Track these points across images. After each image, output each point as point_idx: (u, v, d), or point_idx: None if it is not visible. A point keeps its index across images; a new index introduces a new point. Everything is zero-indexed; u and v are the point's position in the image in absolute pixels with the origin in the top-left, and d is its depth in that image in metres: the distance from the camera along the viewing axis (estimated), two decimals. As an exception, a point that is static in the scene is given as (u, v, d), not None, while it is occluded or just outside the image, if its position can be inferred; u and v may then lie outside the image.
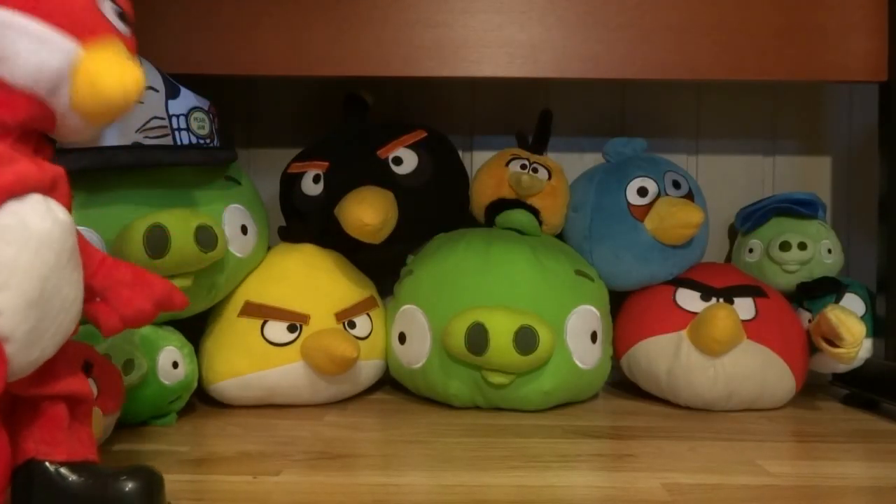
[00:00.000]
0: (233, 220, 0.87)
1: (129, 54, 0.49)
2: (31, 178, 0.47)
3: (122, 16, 0.51)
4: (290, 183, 1.00)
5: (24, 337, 0.46)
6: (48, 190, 0.49)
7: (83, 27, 0.48)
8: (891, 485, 0.63)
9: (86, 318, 0.54)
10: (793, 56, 0.93)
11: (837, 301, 0.97)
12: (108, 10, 0.50)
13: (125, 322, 0.56)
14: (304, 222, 0.97)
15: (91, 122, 0.51)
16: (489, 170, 1.02)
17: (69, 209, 0.50)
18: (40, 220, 0.47)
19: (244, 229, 0.89)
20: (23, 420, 0.50)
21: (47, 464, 0.49)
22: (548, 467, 0.66)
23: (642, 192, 0.97)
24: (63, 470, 0.49)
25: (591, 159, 1.14)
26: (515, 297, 0.87)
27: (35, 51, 0.46)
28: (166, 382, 0.80)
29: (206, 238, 0.77)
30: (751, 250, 1.06)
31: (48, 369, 0.50)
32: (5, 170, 0.46)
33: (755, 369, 0.88)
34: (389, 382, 1.03)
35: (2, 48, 0.46)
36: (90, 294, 0.53)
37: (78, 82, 0.47)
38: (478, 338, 0.82)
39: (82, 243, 0.53)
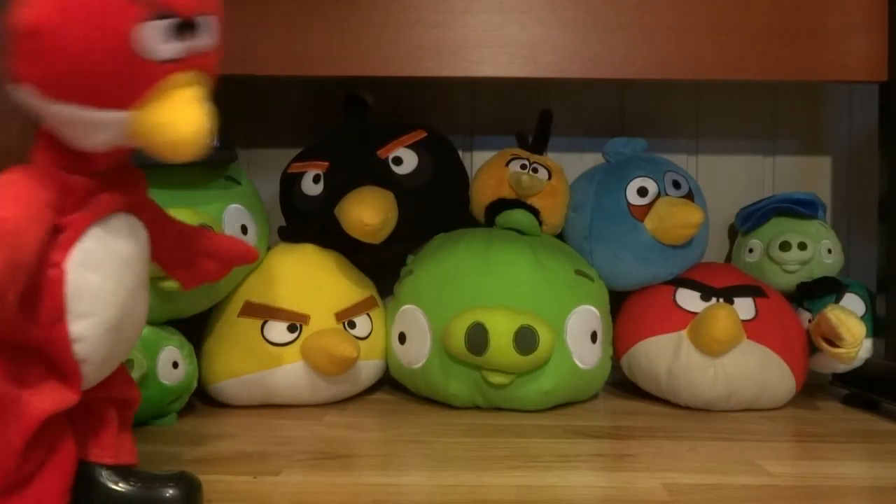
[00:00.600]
0: (233, 220, 0.87)
1: (191, 87, 0.43)
2: (113, 201, 0.47)
3: (181, 27, 0.42)
4: (290, 183, 1.00)
5: (100, 360, 0.48)
6: (130, 206, 0.49)
7: (127, 92, 0.42)
8: (891, 485, 0.63)
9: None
10: (793, 56, 0.92)
11: (837, 301, 0.97)
12: (155, 38, 0.41)
13: (202, 282, 0.60)
14: (304, 222, 0.97)
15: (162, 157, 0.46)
16: (489, 170, 1.02)
17: (145, 205, 0.52)
18: (124, 242, 0.48)
19: (244, 229, 0.89)
20: (75, 421, 0.50)
21: (96, 467, 0.50)
22: (548, 467, 0.66)
23: (642, 192, 0.97)
24: (110, 473, 0.50)
25: (591, 159, 1.14)
26: (515, 297, 0.87)
27: (86, 132, 0.44)
28: (166, 382, 0.80)
29: (206, 238, 0.77)
30: (751, 250, 1.06)
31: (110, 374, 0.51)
32: (92, 201, 0.46)
33: (755, 369, 0.88)
34: (389, 382, 1.03)
35: (56, 126, 0.45)
36: (171, 265, 0.56)
37: (139, 141, 0.44)
38: (478, 338, 0.82)
39: (158, 217, 0.55)
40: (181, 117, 0.42)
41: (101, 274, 0.46)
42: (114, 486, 0.50)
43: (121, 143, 0.45)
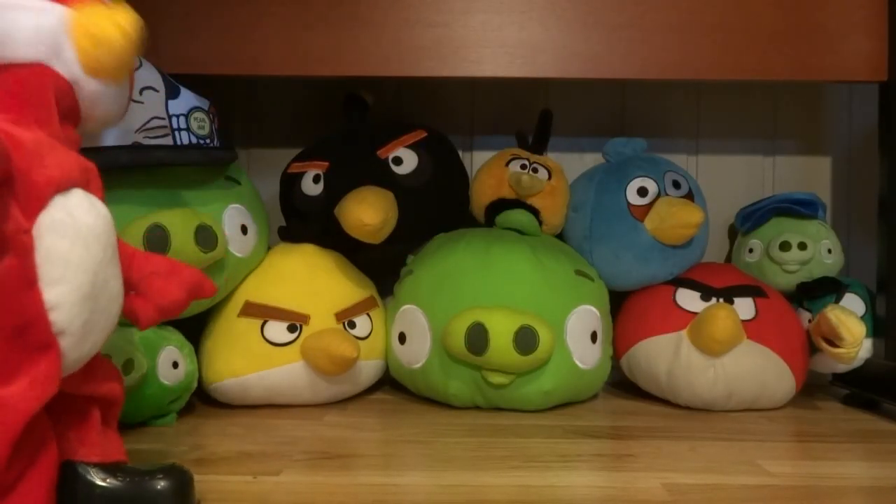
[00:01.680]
0: (233, 220, 0.87)
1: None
2: (73, 171, 0.48)
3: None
4: (290, 183, 1.00)
5: (78, 331, 0.47)
6: (85, 184, 0.50)
7: None
8: (891, 485, 0.63)
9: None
10: (793, 56, 0.92)
11: (837, 301, 0.97)
12: None
13: (161, 313, 0.56)
14: (304, 222, 0.97)
15: (106, 78, 0.53)
16: (489, 170, 1.02)
17: (101, 197, 0.52)
18: (86, 214, 0.48)
19: (244, 229, 0.89)
20: (59, 421, 0.50)
21: (83, 465, 0.50)
22: (548, 467, 0.66)
23: (642, 192, 0.97)
24: (98, 471, 0.50)
25: (591, 159, 1.14)
26: (515, 297, 0.87)
27: (27, 19, 0.48)
28: (166, 382, 0.80)
29: (206, 238, 0.77)
30: (751, 250, 1.06)
31: (89, 369, 0.51)
32: (50, 161, 0.47)
33: (755, 369, 0.88)
34: (389, 382, 1.03)
35: (2, 29, 0.48)
36: (126, 287, 0.54)
37: (78, 39, 0.49)
38: (478, 338, 0.82)
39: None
40: (113, 15, 0.51)
41: (69, 240, 0.46)
42: (103, 483, 0.49)
43: (55, 37, 0.50)
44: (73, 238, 0.47)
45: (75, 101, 0.52)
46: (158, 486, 0.50)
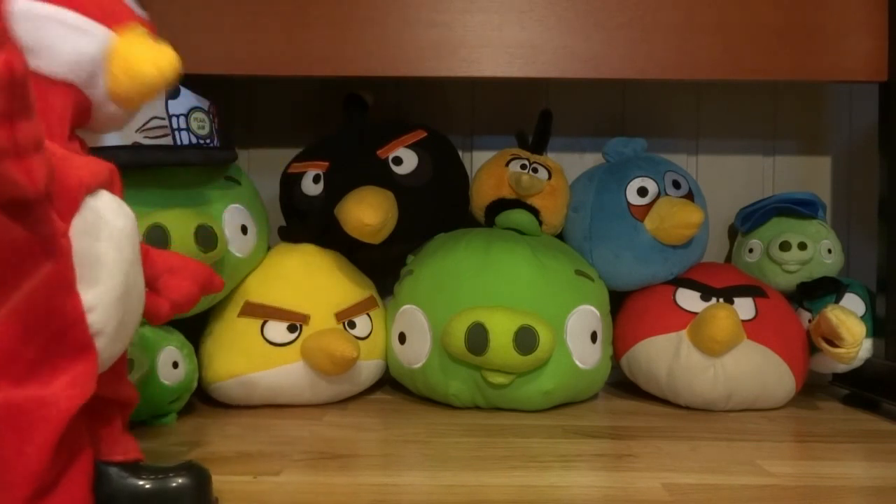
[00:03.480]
0: (233, 220, 0.87)
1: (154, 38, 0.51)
2: (100, 173, 0.49)
3: (139, 1, 0.53)
4: (290, 183, 1.00)
5: (112, 331, 0.48)
6: (110, 185, 0.50)
7: (112, 15, 0.49)
8: (891, 485, 0.63)
9: None
10: (793, 56, 0.92)
11: (837, 301, 0.97)
12: None
13: (175, 308, 0.58)
14: (304, 222, 0.97)
15: (127, 107, 0.53)
16: (489, 170, 1.02)
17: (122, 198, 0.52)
18: (116, 215, 0.49)
19: (244, 229, 0.89)
20: (84, 422, 0.51)
21: (107, 464, 0.51)
22: (548, 467, 0.66)
23: (642, 192, 0.97)
24: (119, 470, 0.51)
25: (591, 159, 1.14)
26: (515, 297, 0.87)
27: (72, 40, 0.48)
28: (166, 382, 0.80)
29: (206, 238, 0.77)
30: (751, 250, 1.06)
31: (113, 369, 0.52)
32: (79, 163, 0.47)
33: (755, 369, 0.88)
34: (389, 382, 1.03)
35: (41, 39, 0.47)
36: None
37: (114, 68, 0.49)
38: (478, 338, 0.82)
39: None
40: (159, 51, 0.50)
41: (103, 242, 0.47)
42: (126, 482, 0.50)
43: (95, 65, 0.49)
44: (107, 240, 0.47)
45: (89, 118, 0.52)
46: (178, 484, 0.51)
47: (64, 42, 0.48)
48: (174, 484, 0.51)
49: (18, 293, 0.44)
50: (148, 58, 0.49)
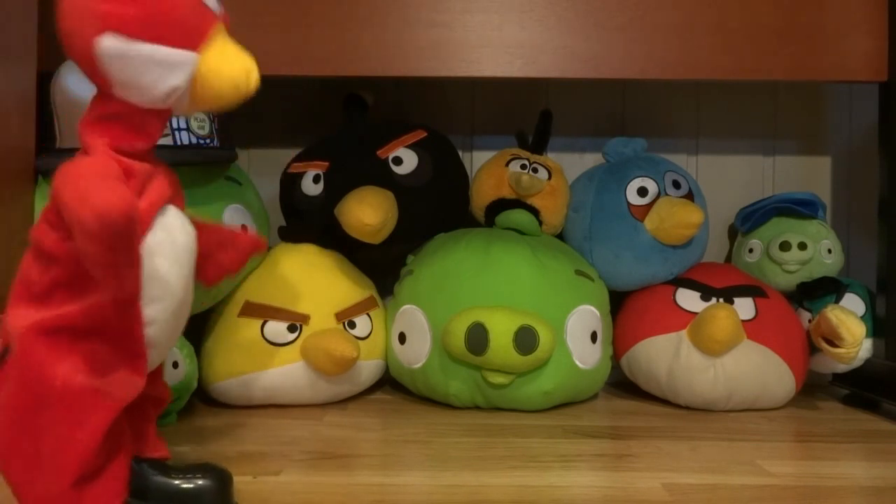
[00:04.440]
0: (233, 220, 0.87)
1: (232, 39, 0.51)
2: (166, 190, 0.50)
3: None
4: (290, 183, 1.00)
5: (164, 344, 0.51)
6: (173, 198, 0.52)
7: (196, 34, 0.48)
8: (891, 485, 0.63)
9: None
10: (793, 56, 0.92)
11: (837, 301, 0.97)
12: None
13: (225, 275, 0.61)
14: (304, 222, 0.97)
15: (200, 112, 0.54)
16: (489, 170, 1.02)
17: (182, 203, 0.54)
18: (181, 233, 0.51)
19: (244, 229, 0.89)
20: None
21: (139, 460, 0.52)
22: (548, 467, 0.66)
23: (642, 192, 0.97)
24: (148, 466, 0.52)
25: (591, 159, 1.14)
26: (515, 297, 0.87)
27: (164, 75, 0.47)
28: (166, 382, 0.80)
29: (207, 238, 0.78)
30: (751, 250, 1.06)
31: (155, 370, 0.54)
32: (151, 186, 0.49)
33: (755, 369, 0.88)
34: (389, 382, 1.03)
35: (133, 77, 0.47)
36: (198, 258, 0.56)
37: (196, 87, 0.49)
38: (478, 338, 0.82)
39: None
40: (237, 59, 0.49)
41: (168, 260, 0.49)
42: (155, 479, 0.51)
43: (185, 91, 0.48)
44: (172, 258, 0.49)
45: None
46: (203, 484, 0.52)
47: (157, 80, 0.47)
48: (196, 484, 0.52)
49: (87, 300, 0.47)
50: (230, 75, 0.48)
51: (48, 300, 0.47)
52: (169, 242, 0.49)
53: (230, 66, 0.49)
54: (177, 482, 0.52)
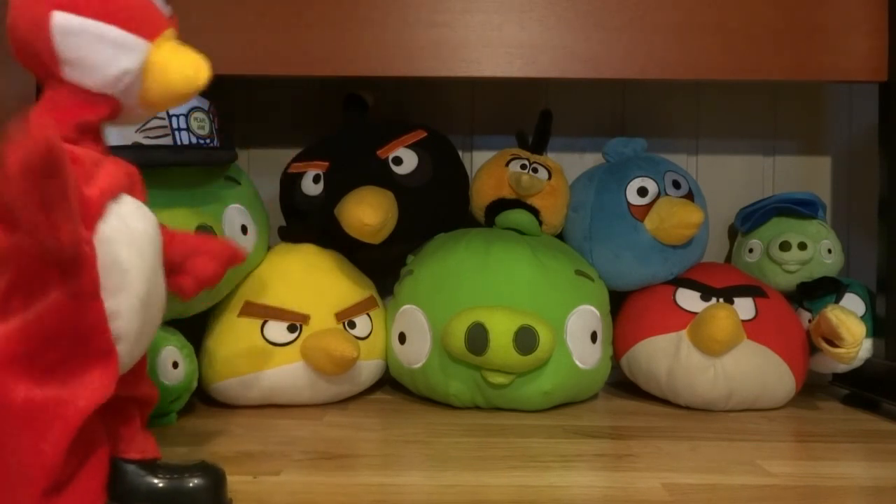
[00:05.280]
0: (233, 220, 0.87)
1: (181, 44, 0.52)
2: (120, 177, 0.50)
3: None
4: (290, 183, 1.00)
5: (134, 337, 0.49)
6: (130, 188, 0.51)
7: (148, 25, 0.50)
8: (891, 485, 0.63)
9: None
10: (793, 56, 0.92)
11: (837, 301, 0.97)
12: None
13: (202, 286, 0.59)
14: (304, 222, 0.97)
15: (156, 111, 0.55)
16: (489, 170, 1.02)
17: (143, 200, 0.53)
18: (138, 220, 0.50)
19: (244, 229, 0.89)
20: (104, 419, 0.52)
21: (124, 462, 0.52)
22: (548, 467, 0.66)
23: (642, 192, 0.97)
24: (137, 468, 0.52)
25: (591, 159, 1.14)
26: (515, 297, 0.87)
27: (115, 57, 0.48)
28: (166, 382, 0.80)
29: (206, 238, 0.77)
30: (751, 250, 1.06)
31: (134, 370, 0.53)
32: (100, 171, 0.48)
33: (755, 369, 0.88)
34: (389, 382, 1.03)
35: (83, 55, 0.48)
36: (168, 268, 0.56)
37: (148, 79, 0.50)
38: (478, 338, 0.82)
39: None
40: (190, 60, 0.51)
41: (126, 248, 0.48)
42: (142, 480, 0.51)
43: (136, 78, 0.49)
44: (129, 245, 0.48)
45: (115, 119, 0.52)
46: (195, 484, 0.51)
47: (107, 60, 0.48)
48: (190, 483, 0.51)
49: (44, 300, 0.45)
50: (180, 69, 0.50)
51: (5, 309, 0.46)
52: (125, 229, 0.48)
53: (181, 60, 0.50)
54: (166, 483, 0.51)
